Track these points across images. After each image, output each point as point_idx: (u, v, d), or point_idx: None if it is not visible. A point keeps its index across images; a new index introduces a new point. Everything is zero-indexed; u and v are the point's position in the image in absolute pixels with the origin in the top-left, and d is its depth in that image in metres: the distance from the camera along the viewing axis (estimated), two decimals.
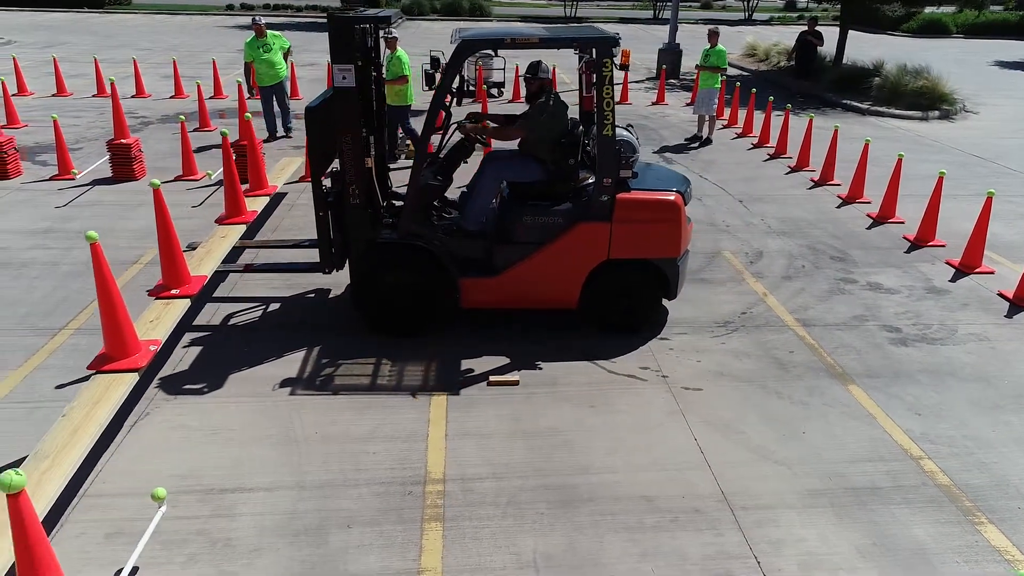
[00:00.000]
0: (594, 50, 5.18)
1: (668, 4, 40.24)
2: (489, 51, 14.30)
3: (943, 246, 7.76)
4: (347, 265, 5.70)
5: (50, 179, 9.23)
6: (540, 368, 5.24)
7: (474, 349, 5.44)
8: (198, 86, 12.29)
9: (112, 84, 9.88)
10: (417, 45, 22.23)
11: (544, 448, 4.39)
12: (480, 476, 4.13)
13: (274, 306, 6.09)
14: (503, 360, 5.31)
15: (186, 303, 5.31)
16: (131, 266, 6.70)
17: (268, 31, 10.70)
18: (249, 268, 6.11)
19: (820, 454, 4.41)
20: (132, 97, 14.59)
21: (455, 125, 5.57)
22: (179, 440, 4.37)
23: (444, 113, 5.43)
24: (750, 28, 34.94)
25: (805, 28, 18.03)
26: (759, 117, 12.61)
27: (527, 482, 4.10)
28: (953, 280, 6.98)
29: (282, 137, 11.43)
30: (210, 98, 14.53)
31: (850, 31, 19.35)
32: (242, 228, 6.75)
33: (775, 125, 11.98)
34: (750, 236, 7.99)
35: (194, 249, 6.20)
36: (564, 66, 16.24)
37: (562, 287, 5.51)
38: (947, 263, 7.36)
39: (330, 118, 5.20)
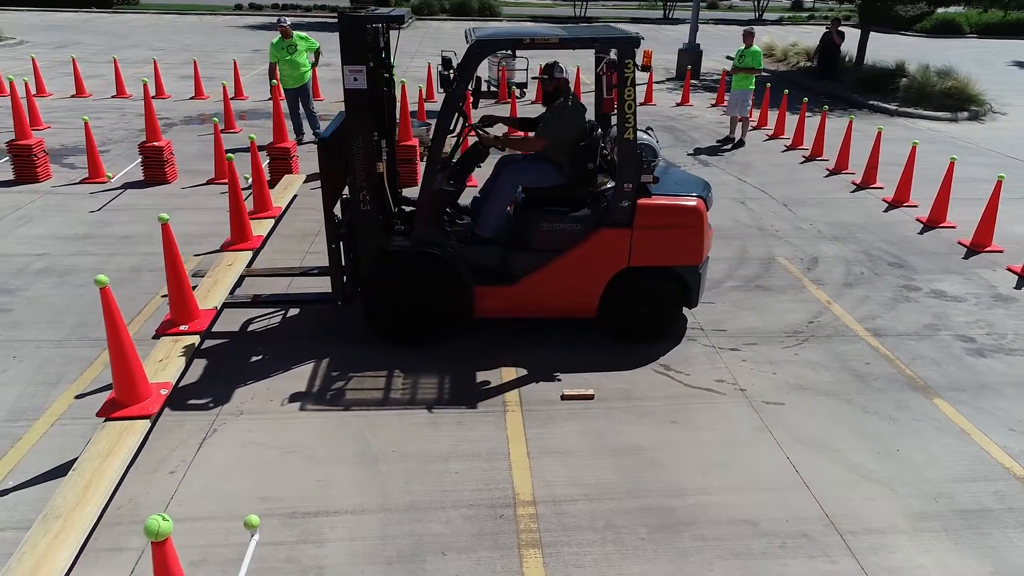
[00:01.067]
0: (615, 50, 4.98)
1: (677, 4, 40.15)
2: (509, 51, 14.14)
3: (1001, 251, 7.59)
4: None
5: (81, 182, 9.05)
6: (612, 380, 5.06)
7: (530, 359, 5.26)
8: (224, 87, 12.12)
9: (144, 86, 9.68)
10: (427, 45, 22.11)
11: (633, 467, 4.22)
12: (571, 497, 3.96)
13: (292, 313, 5.94)
14: (558, 370, 5.15)
15: (195, 341, 5.08)
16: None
17: (295, 32, 10.49)
18: (258, 300, 5.76)
19: (920, 473, 4.24)
20: (152, 98, 14.37)
21: (469, 129, 5.39)
22: (253, 459, 4.19)
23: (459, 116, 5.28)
24: (761, 28, 34.73)
25: (827, 28, 17.83)
26: (790, 119, 12.44)
27: (622, 504, 3.92)
28: (1018, 287, 6.81)
29: (310, 141, 11.23)
30: (232, 98, 14.35)
31: (851, 30, 19.15)
32: (248, 255, 6.48)
33: (809, 127, 11.81)
34: (802, 241, 7.82)
35: (201, 277, 5.99)
36: (584, 67, 16.05)
37: (580, 296, 5.33)
38: (1009, 269, 7.18)
39: (345, 147, 5.00)
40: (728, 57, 23.67)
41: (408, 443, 4.38)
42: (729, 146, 11.89)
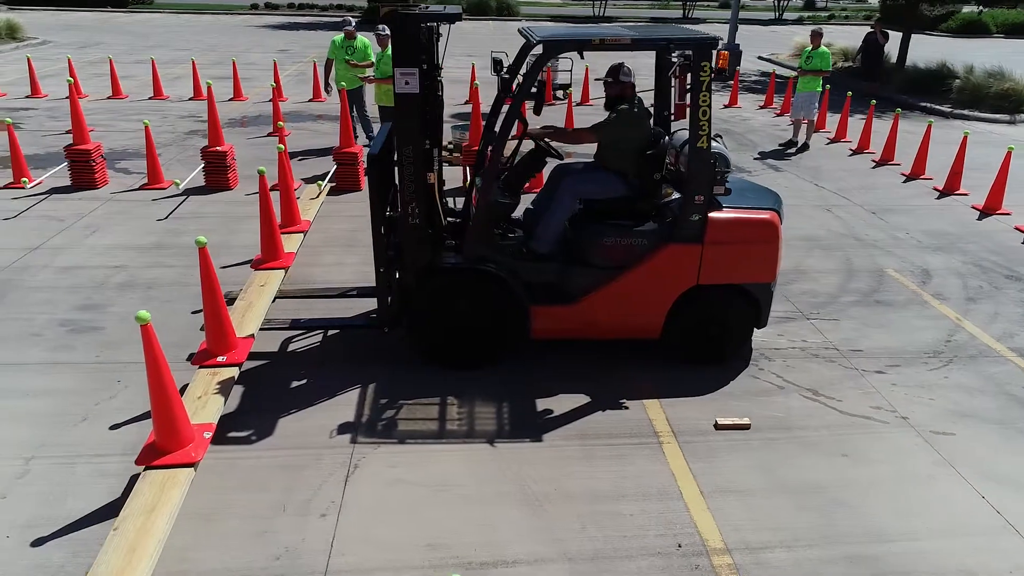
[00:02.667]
0: (691, 53, 4.64)
1: (697, 3, 39.82)
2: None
3: None
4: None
5: (140, 188, 8.70)
6: (761, 407, 4.73)
7: (664, 382, 4.92)
8: (272, 89, 11.77)
9: (209, 88, 9.32)
10: (450, 44, 21.70)
11: (819, 508, 3.87)
12: (766, 544, 3.61)
13: (332, 333, 5.56)
14: (684, 395, 4.82)
15: (234, 374, 4.61)
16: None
17: (359, 36, 10.08)
18: (297, 324, 5.39)
19: None
20: (189, 100, 14.07)
21: (521, 134, 5.04)
22: (404, 499, 3.84)
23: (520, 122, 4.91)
24: (783, 28, 34.46)
25: (871, 28, 17.47)
26: (852, 122, 12.11)
27: (823, 552, 3.57)
28: None
29: (364, 146, 10.79)
30: (268, 100, 14.00)
31: (891, 32, 18.82)
32: (280, 274, 6.01)
33: (876, 131, 11.48)
34: (904, 252, 7.48)
35: (233, 301, 5.51)
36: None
37: (645, 315, 4.97)
38: None
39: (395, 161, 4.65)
40: (760, 58, 23.39)
41: (566, 480, 4.03)
42: (793, 150, 11.55)
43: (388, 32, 9.57)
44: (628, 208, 4.98)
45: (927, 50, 19.88)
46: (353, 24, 10.08)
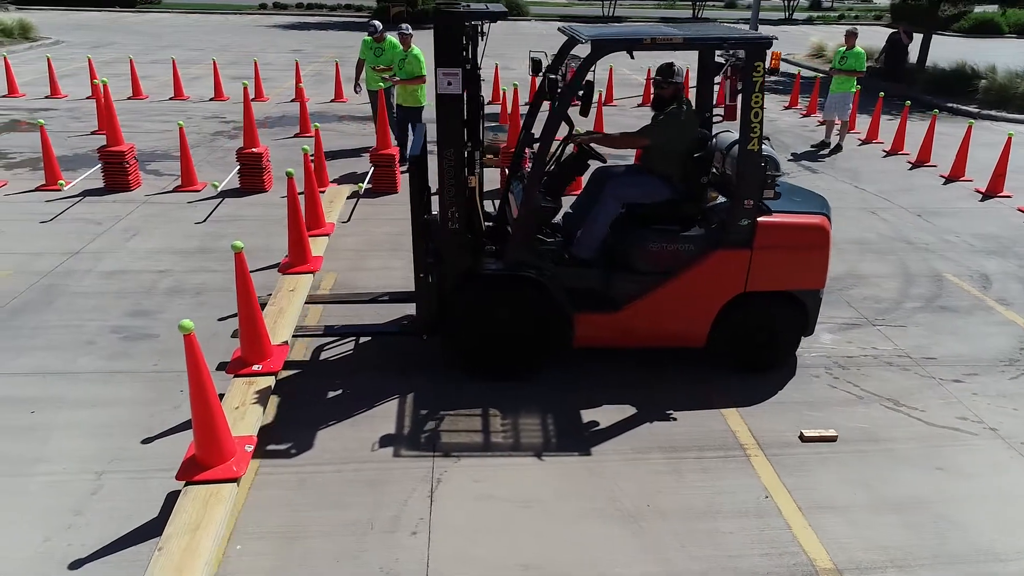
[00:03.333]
0: (744, 52, 4.48)
1: (707, 3, 39.68)
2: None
3: None
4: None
5: (174, 190, 8.55)
6: (844, 418, 4.59)
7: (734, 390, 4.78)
8: (301, 90, 11.61)
9: (244, 89, 9.17)
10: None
11: (925, 525, 3.73)
12: (878, 564, 3.47)
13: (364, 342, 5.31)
14: (752, 402, 4.68)
15: (271, 383, 4.47)
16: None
17: (388, 36, 9.91)
18: (330, 331, 5.28)
19: None
20: (210, 100, 13.92)
21: (567, 137, 4.90)
22: (494, 516, 3.70)
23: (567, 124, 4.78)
24: (795, 28, 34.37)
25: (895, 28, 17.35)
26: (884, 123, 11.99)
27: (938, 573, 3.43)
28: None
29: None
30: (291, 100, 13.88)
31: (914, 33, 18.71)
32: (310, 279, 5.82)
33: (889, 128, 11.35)
34: (959, 256, 7.34)
35: (263, 307, 5.22)
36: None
37: (690, 323, 4.83)
38: None
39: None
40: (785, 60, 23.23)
41: (657, 495, 3.89)
42: (826, 151, 11.41)
43: (410, 31, 9.50)
44: (673, 212, 4.83)
45: (941, 50, 19.71)
46: (380, 28, 9.85)
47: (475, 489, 3.88)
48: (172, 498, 3.61)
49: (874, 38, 22.89)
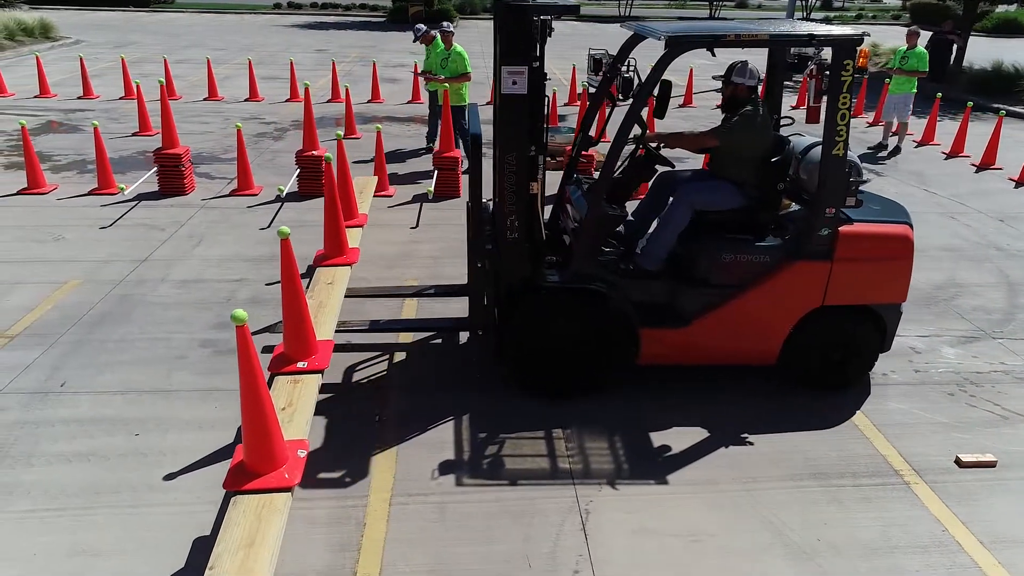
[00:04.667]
0: (831, 50, 4.19)
1: (723, 3, 39.43)
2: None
3: None
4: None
5: (230, 194, 8.27)
6: (1000, 441, 4.32)
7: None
8: (346, 90, 11.33)
9: (306, 90, 8.89)
10: (479, 43, 21.08)
11: None
12: None
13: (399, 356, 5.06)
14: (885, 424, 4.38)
15: (318, 381, 4.11)
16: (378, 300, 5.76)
17: (436, 37, 9.61)
18: (376, 326, 5.04)
19: None
20: (245, 101, 13.66)
21: (640, 142, 4.59)
22: (659, 552, 3.42)
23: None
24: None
25: (940, 28, 17.06)
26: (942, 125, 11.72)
27: None
28: None
29: (424, 152, 10.26)
30: (328, 101, 13.62)
31: (927, 31, 18.39)
32: (347, 271, 5.50)
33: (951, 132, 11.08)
34: None
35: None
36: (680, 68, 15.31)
37: (762, 339, 4.52)
38: None
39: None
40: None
41: (824, 528, 3.61)
42: (885, 153, 11.14)
43: (452, 29, 9.20)
44: (747, 221, 4.54)
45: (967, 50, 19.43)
46: (424, 29, 9.50)
47: (629, 521, 3.60)
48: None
49: (897, 38, 22.63)
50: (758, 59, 5.07)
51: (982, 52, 18.20)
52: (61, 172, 8.89)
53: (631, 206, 4.98)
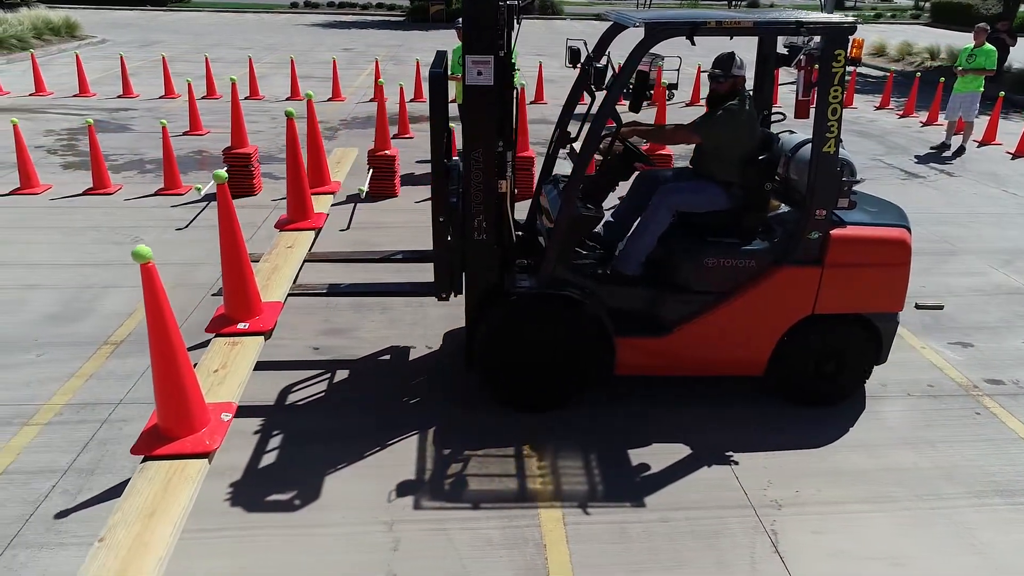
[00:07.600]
0: (823, 39, 3.87)
1: (739, 3, 39.28)
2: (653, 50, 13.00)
3: None
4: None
5: None
6: None
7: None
8: (400, 88, 11.10)
9: (379, 88, 8.69)
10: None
11: None
12: None
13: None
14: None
15: (259, 343, 3.83)
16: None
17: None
18: (334, 290, 4.80)
19: None
20: (286, 99, 13.44)
21: (614, 136, 4.22)
22: None
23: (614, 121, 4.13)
24: None
25: (994, 27, 16.80)
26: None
27: None
28: None
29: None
30: (368, 100, 13.40)
31: (942, 30, 18.21)
32: (310, 236, 5.32)
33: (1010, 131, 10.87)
34: None
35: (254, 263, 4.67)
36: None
37: (748, 349, 4.25)
38: None
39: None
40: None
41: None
42: (949, 153, 10.92)
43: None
44: (732, 223, 4.26)
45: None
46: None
47: (822, 544, 3.38)
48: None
49: (919, 37, 22.46)
50: (748, 53, 4.76)
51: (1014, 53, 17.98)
52: (121, 172, 8.67)
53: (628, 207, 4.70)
